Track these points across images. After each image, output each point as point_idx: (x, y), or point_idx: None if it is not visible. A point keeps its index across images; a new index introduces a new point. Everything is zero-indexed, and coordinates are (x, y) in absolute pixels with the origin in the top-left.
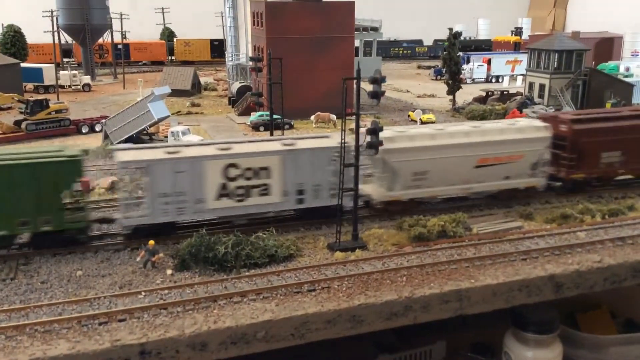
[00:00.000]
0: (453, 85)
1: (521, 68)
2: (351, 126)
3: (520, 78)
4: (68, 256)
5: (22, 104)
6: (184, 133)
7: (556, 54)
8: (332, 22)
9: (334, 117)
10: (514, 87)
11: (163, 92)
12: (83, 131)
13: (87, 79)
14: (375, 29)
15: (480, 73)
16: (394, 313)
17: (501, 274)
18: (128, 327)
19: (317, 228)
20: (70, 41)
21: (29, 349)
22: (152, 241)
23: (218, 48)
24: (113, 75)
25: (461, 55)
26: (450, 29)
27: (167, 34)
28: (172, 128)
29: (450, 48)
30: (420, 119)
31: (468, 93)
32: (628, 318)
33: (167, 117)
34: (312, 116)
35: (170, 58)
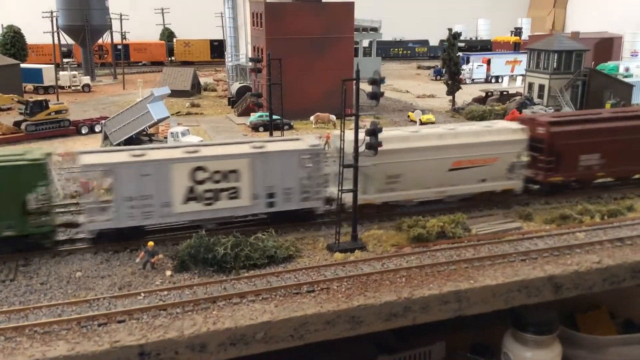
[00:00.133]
0: (452, 85)
1: (521, 68)
2: (350, 127)
3: (519, 78)
4: (67, 257)
5: (22, 105)
6: (184, 134)
7: (556, 54)
8: (332, 23)
9: (334, 118)
10: (514, 88)
11: (162, 93)
12: (83, 132)
13: (87, 80)
14: (375, 30)
15: (479, 73)
16: (393, 314)
17: (500, 275)
18: (127, 328)
19: (317, 229)
20: (70, 41)
21: (29, 350)
22: (152, 242)
23: (218, 48)
24: (113, 75)
25: (461, 55)
26: (449, 30)
27: (167, 35)
28: (172, 129)
29: (449, 48)
30: (419, 120)
31: (468, 93)
32: (627, 318)
33: (167, 118)
34: (312, 117)
35: (170, 58)
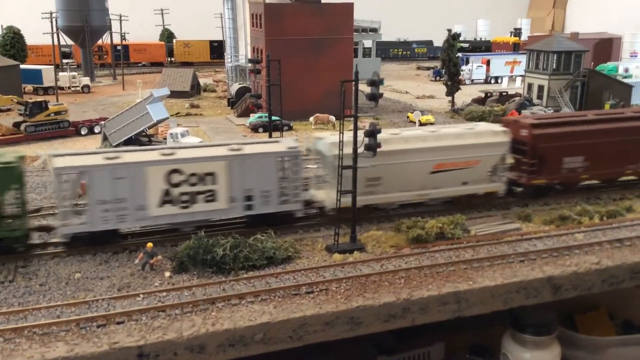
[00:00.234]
0: (452, 86)
1: (520, 69)
2: (350, 127)
3: (519, 79)
4: (67, 258)
5: (21, 106)
6: (183, 135)
7: (555, 55)
8: (331, 24)
9: (333, 119)
10: (513, 88)
11: (162, 94)
12: (82, 133)
13: (87, 81)
14: (374, 30)
15: (479, 74)
16: (392, 315)
17: (499, 276)
18: (126, 330)
19: (316, 230)
20: (69, 42)
21: (28, 352)
22: (151, 243)
23: (217, 49)
24: (112, 76)
25: (460, 56)
26: (449, 30)
27: (167, 35)
28: (171, 130)
29: (449, 49)
30: (419, 120)
31: (467, 94)
32: (626, 319)
33: (166, 119)
34: (311, 117)
35: (169, 59)
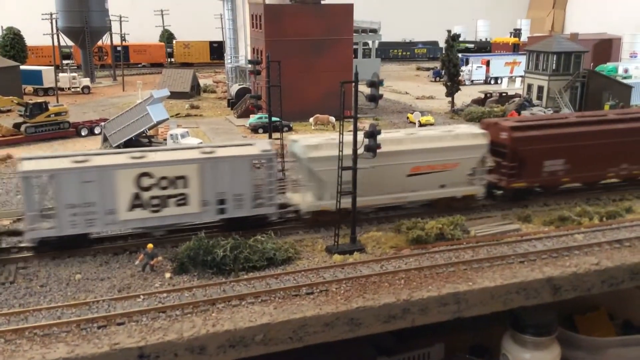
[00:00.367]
0: (452, 87)
1: (520, 70)
2: (349, 128)
3: (519, 80)
4: (67, 260)
5: (22, 107)
6: (183, 136)
7: (554, 56)
8: (331, 25)
9: (333, 119)
10: (513, 89)
11: (162, 95)
12: (82, 134)
13: (87, 82)
14: (374, 31)
15: (479, 75)
16: (392, 316)
17: (499, 277)
18: (127, 331)
19: (316, 231)
20: (69, 43)
21: (28, 353)
22: (151, 244)
23: (217, 50)
24: (112, 77)
25: (460, 56)
26: (449, 31)
27: (167, 36)
28: (171, 131)
29: (448, 50)
30: (419, 121)
31: (467, 95)
32: (626, 320)
33: (166, 120)
34: (311, 118)
35: (169, 60)
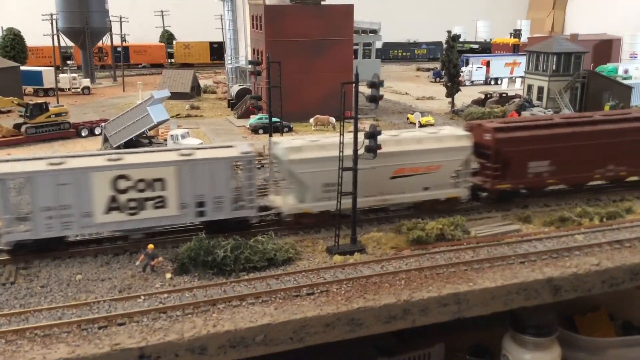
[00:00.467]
0: (452, 87)
1: (520, 70)
2: (350, 129)
3: (519, 80)
4: (68, 260)
5: (22, 108)
6: (184, 136)
7: (555, 57)
8: (331, 25)
9: (333, 120)
10: (513, 90)
11: (162, 95)
12: (83, 134)
13: (87, 82)
14: (374, 32)
15: (479, 75)
16: (393, 316)
17: (499, 277)
18: (127, 331)
19: (316, 231)
20: (70, 44)
21: (29, 353)
22: (152, 245)
23: (217, 51)
24: (112, 78)
25: (460, 57)
26: (448, 32)
27: (167, 37)
28: (172, 131)
29: (449, 50)
30: (419, 122)
31: (467, 95)
32: (626, 320)
33: (167, 121)
34: (311, 119)
35: (169, 61)
